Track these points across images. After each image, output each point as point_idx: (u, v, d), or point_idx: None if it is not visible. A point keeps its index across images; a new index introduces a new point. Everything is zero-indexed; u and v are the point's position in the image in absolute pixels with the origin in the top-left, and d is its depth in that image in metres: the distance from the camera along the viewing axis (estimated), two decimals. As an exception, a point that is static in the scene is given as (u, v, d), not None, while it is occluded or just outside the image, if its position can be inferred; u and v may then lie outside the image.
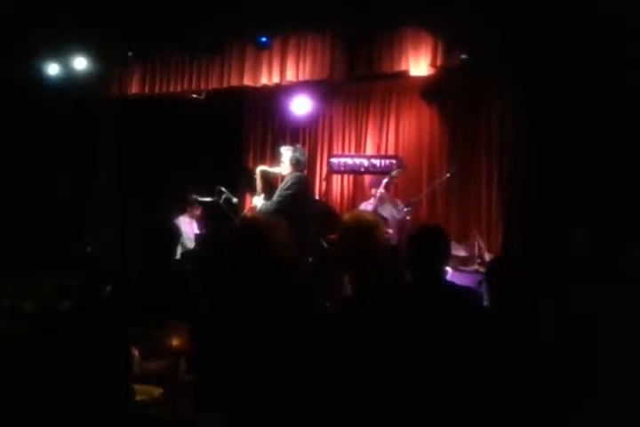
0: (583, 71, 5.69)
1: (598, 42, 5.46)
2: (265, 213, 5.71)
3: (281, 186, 5.80)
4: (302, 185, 5.78)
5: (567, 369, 2.41)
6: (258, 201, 5.95)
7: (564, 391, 2.38)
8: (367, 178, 7.50)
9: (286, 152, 5.91)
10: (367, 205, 6.89)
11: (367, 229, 2.82)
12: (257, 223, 2.61)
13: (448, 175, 7.00)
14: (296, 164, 5.85)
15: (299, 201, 5.66)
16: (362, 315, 2.61)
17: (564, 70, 5.82)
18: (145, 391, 2.47)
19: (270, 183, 6.44)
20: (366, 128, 8.16)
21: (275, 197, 5.72)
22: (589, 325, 2.53)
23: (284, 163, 5.90)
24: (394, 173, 6.87)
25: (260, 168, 6.23)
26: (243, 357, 2.33)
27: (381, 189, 6.73)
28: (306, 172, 6.65)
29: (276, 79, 6.90)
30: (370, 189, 7.04)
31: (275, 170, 6.16)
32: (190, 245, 7.31)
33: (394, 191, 7.78)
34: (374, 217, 3.05)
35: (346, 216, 3.22)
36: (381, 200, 6.72)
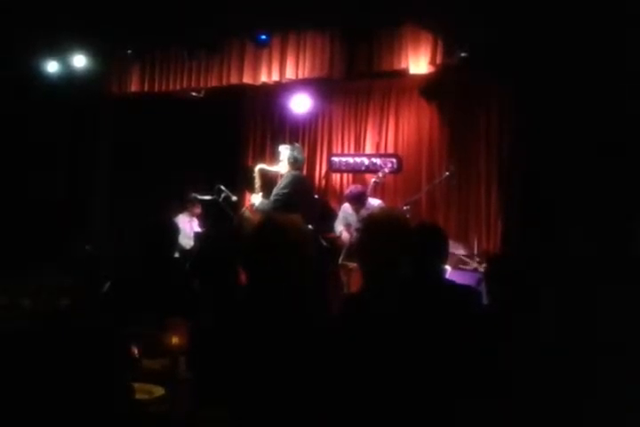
0: (582, 70, 5.69)
1: (597, 41, 5.46)
2: (262, 212, 5.71)
3: (277, 185, 5.81)
4: (298, 184, 5.79)
5: (567, 369, 2.41)
6: (256, 199, 5.96)
7: (564, 391, 2.38)
8: (350, 192, 7.01)
9: (284, 151, 5.93)
10: (350, 209, 6.84)
11: (398, 225, 2.80)
12: (276, 222, 2.60)
13: (447, 174, 7.02)
14: (294, 162, 5.86)
15: (295, 200, 5.66)
16: (362, 314, 2.61)
17: (563, 69, 5.81)
18: (145, 389, 2.47)
19: (269, 182, 6.44)
20: (366, 126, 8.15)
21: (272, 196, 5.73)
22: (590, 324, 2.53)
23: (283, 161, 5.91)
24: (376, 178, 6.89)
25: (258, 167, 6.24)
26: (246, 353, 2.33)
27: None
28: (305, 170, 6.65)
29: (275, 77, 6.89)
30: (349, 202, 6.87)
31: (273, 168, 6.17)
32: (188, 243, 7.30)
33: (393, 190, 7.80)
34: (403, 214, 3.02)
35: (376, 212, 3.19)
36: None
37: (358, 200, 6.63)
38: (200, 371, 2.45)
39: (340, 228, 6.79)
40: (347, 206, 6.82)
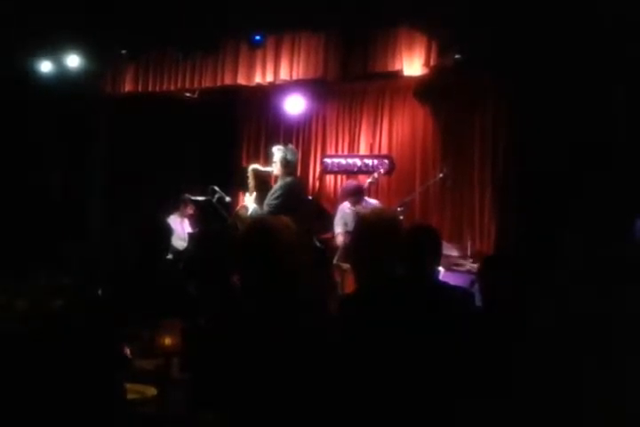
0: (577, 71, 5.70)
1: (593, 41, 5.47)
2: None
3: (270, 193, 5.80)
4: (291, 191, 5.76)
5: (564, 369, 2.42)
6: (250, 200, 5.96)
7: (561, 391, 2.38)
8: (346, 187, 7.04)
9: (277, 152, 5.92)
10: (347, 209, 6.82)
11: (390, 226, 2.81)
12: (267, 223, 2.61)
13: (441, 175, 7.02)
14: (286, 164, 5.85)
15: (288, 207, 5.64)
16: (357, 315, 2.61)
17: (558, 70, 5.83)
18: (138, 390, 2.47)
19: (262, 182, 6.43)
20: (360, 128, 8.17)
21: (264, 206, 5.73)
22: (586, 325, 2.54)
23: (275, 163, 5.91)
24: (370, 179, 6.89)
25: (251, 167, 6.23)
26: (243, 355, 2.33)
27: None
28: (299, 171, 6.62)
29: (269, 78, 6.89)
30: (346, 198, 6.77)
31: (267, 169, 6.16)
32: (180, 244, 7.29)
33: (387, 191, 7.82)
34: (395, 215, 3.02)
35: (368, 212, 3.19)
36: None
37: (355, 193, 6.59)
38: (196, 373, 2.45)
39: (338, 229, 6.74)
40: (343, 206, 6.81)
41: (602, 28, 5.37)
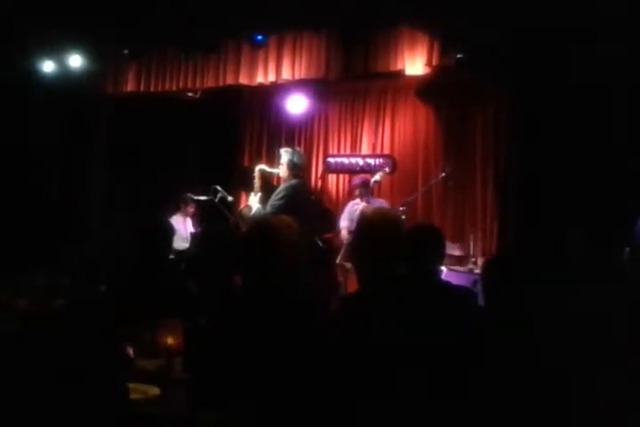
0: (577, 71, 5.69)
1: (593, 41, 5.46)
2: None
3: (274, 194, 5.79)
4: (295, 194, 5.75)
5: (564, 370, 2.41)
6: (254, 200, 5.96)
7: (562, 392, 2.38)
8: (355, 179, 7.30)
9: (284, 154, 5.91)
10: (355, 205, 6.86)
11: (392, 226, 2.81)
12: (269, 223, 2.60)
13: (443, 175, 7.02)
14: (293, 167, 5.84)
15: (291, 208, 5.63)
16: (358, 315, 2.61)
17: (558, 70, 5.82)
18: (140, 390, 2.47)
19: (268, 183, 6.43)
20: (362, 127, 8.16)
21: (267, 206, 5.73)
22: (587, 324, 2.53)
23: (282, 165, 5.90)
24: (377, 176, 6.90)
25: (258, 167, 6.23)
26: (244, 355, 2.32)
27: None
28: (303, 173, 6.63)
29: (271, 78, 6.89)
30: (355, 190, 7.03)
31: (273, 170, 6.16)
32: (182, 244, 7.28)
33: (389, 190, 7.81)
34: (397, 215, 3.01)
35: (370, 212, 3.19)
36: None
37: (363, 185, 6.80)
38: (197, 373, 2.45)
39: (343, 224, 6.84)
40: (352, 203, 6.87)
41: (602, 27, 5.36)
